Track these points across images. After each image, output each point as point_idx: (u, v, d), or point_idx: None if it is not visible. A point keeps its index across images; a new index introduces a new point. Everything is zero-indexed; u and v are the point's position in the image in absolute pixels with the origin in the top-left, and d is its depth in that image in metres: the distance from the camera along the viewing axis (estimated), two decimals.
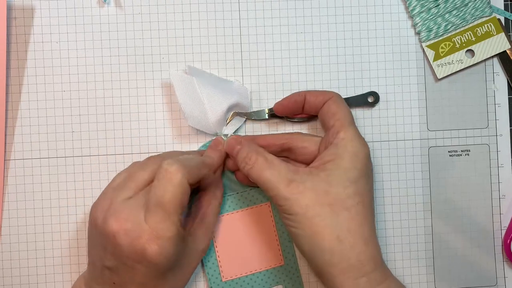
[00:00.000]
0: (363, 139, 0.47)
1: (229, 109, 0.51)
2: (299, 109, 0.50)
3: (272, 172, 0.44)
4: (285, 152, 0.50)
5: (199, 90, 0.49)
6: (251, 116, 0.52)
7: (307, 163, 0.48)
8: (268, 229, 0.52)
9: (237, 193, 0.52)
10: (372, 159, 0.53)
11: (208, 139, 0.52)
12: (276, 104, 0.50)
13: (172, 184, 0.42)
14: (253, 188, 0.51)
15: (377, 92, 0.53)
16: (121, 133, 0.52)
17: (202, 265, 0.51)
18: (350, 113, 0.48)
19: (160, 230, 0.41)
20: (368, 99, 0.53)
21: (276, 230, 0.52)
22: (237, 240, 0.51)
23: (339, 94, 0.49)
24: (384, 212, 0.53)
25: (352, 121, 0.47)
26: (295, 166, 0.46)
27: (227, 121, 0.51)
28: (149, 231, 0.41)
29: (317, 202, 0.43)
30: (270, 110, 0.52)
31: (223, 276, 0.51)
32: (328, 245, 0.43)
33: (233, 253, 0.51)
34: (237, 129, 0.52)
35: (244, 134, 0.52)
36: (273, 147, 0.49)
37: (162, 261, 0.42)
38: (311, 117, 0.52)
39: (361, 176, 0.45)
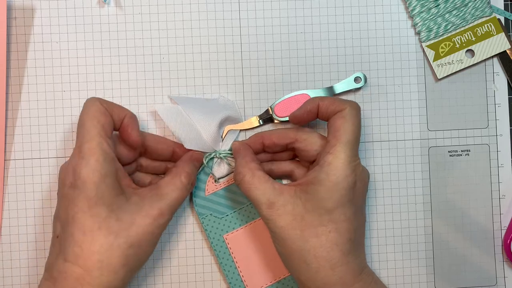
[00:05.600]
0: (355, 164, 0.46)
1: (221, 124, 0.51)
2: (314, 117, 0.49)
3: (257, 192, 0.46)
4: (289, 150, 0.51)
5: (188, 116, 0.50)
6: (244, 127, 0.52)
7: (310, 161, 0.49)
8: None
9: (247, 205, 0.52)
10: (372, 159, 0.53)
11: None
12: (291, 116, 0.50)
13: (86, 106, 0.45)
14: None
15: (377, 92, 0.53)
16: None
17: (227, 282, 0.52)
18: (355, 132, 0.46)
19: (83, 147, 0.44)
20: (355, 82, 0.53)
21: None
22: (255, 251, 0.51)
23: (355, 106, 0.47)
24: (384, 212, 0.53)
25: (350, 143, 0.46)
26: (281, 186, 0.47)
27: (222, 137, 0.51)
28: (76, 152, 0.44)
29: (290, 226, 0.45)
30: (260, 116, 0.52)
31: None
32: (297, 266, 0.46)
33: (254, 265, 0.51)
34: (235, 139, 0.52)
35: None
36: (278, 147, 0.50)
37: (88, 177, 0.43)
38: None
39: (339, 205, 0.45)
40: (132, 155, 0.49)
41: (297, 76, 0.53)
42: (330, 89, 0.52)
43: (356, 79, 0.53)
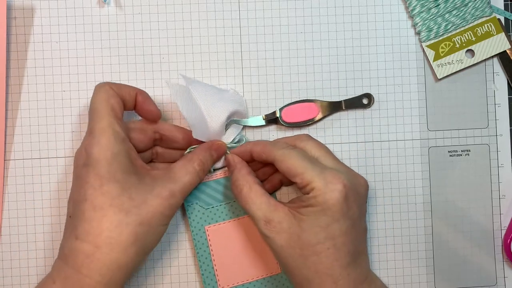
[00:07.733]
0: (337, 180, 0.45)
1: (228, 117, 0.50)
2: (250, 159, 0.50)
3: (254, 207, 0.47)
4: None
5: (198, 102, 0.49)
6: (248, 123, 0.52)
7: (290, 180, 0.48)
8: None
9: (234, 201, 0.52)
10: (372, 159, 0.53)
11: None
12: (231, 152, 0.51)
13: (96, 90, 0.46)
14: None
15: (377, 92, 0.53)
16: None
17: (199, 273, 0.52)
18: (308, 160, 0.46)
19: (95, 128, 0.45)
20: (363, 101, 0.53)
21: None
22: (233, 248, 0.51)
23: (286, 152, 0.47)
24: (384, 212, 0.53)
25: (313, 169, 0.46)
26: (276, 202, 0.47)
27: (226, 130, 0.51)
28: (88, 133, 0.45)
29: (289, 245, 0.45)
30: (267, 116, 0.52)
31: (219, 285, 0.51)
32: (299, 281, 0.46)
33: (230, 261, 0.51)
34: (236, 136, 0.52)
35: (244, 141, 0.53)
36: (265, 162, 0.49)
37: (100, 155, 0.44)
38: (310, 120, 0.52)
39: (333, 221, 0.45)
40: (147, 142, 0.49)
41: (296, 76, 0.53)
42: (338, 104, 0.52)
43: (364, 98, 0.53)
